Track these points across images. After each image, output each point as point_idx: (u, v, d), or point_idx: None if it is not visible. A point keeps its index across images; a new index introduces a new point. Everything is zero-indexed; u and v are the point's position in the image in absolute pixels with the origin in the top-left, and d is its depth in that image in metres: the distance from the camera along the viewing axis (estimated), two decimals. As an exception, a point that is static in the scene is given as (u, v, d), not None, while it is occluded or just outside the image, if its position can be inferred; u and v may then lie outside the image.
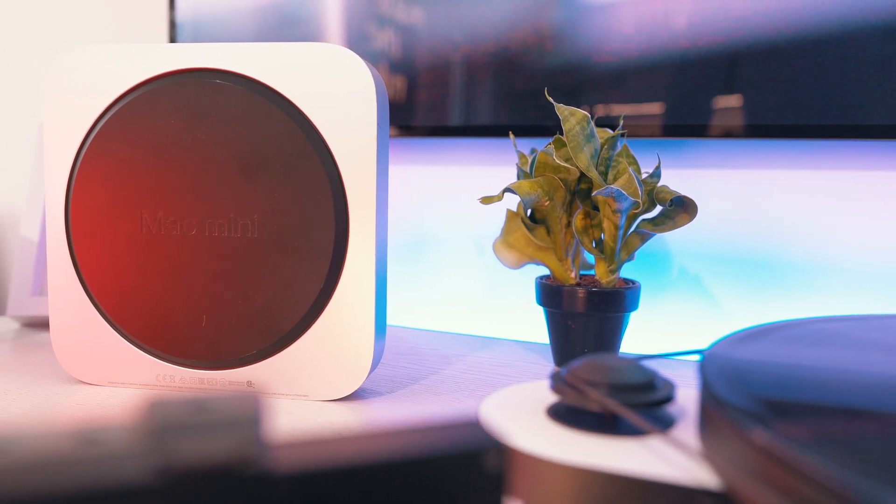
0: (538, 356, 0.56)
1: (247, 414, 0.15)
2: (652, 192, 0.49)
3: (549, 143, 0.50)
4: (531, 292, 0.55)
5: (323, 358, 0.43)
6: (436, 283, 0.70)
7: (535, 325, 0.62)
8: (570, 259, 0.52)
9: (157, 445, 0.15)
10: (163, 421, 0.15)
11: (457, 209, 0.69)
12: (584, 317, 0.49)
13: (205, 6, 0.72)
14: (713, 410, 0.24)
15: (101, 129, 0.43)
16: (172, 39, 0.74)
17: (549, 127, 0.60)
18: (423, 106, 0.65)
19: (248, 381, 0.44)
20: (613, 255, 0.50)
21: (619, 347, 0.51)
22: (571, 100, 0.58)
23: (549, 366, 0.53)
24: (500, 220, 0.65)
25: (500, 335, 0.64)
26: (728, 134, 0.55)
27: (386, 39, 0.64)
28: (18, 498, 0.15)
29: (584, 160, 0.47)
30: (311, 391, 0.43)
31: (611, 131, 0.50)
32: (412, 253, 0.71)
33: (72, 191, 0.44)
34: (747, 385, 0.24)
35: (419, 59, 0.64)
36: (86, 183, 0.44)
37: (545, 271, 0.55)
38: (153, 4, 0.80)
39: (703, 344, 0.59)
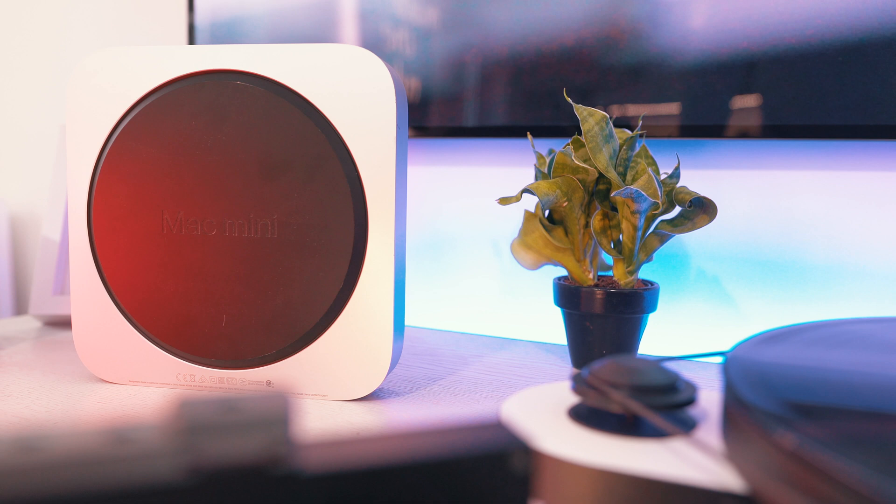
0: (555, 357, 0.56)
1: (276, 414, 0.15)
2: (671, 193, 0.49)
3: (568, 144, 0.50)
4: (547, 293, 0.55)
5: (342, 358, 0.43)
6: (452, 283, 0.70)
7: (552, 326, 0.61)
8: (587, 260, 0.51)
9: (187, 444, 0.15)
10: (193, 420, 0.15)
11: (472, 210, 0.69)
12: (602, 318, 0.49)
13: (221, 10, 0.72)
14: (737, 413, 0.23)
15: (123, 130, 0.44)
16: (191, 43, 0.74)
17: (565, 127, 0.60)
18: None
19: (267, 381, 0.44)
20: (632, 257, 0.50)
21: (637, 349, 0.51)
22: (587, 99, 0.58)
23: (566, 367, 0.53)
24: (516, 221, 0.65)
25: (516, 336, 0.64)
26: (746, 134, 0.54)
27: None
28: (51, 495, 0.15)
29: (603, 161, 0.47)
30: (329, 391, 0.44)
31: (629, 132, 0.50)
32: (428, 253, 0.71)
33: (94, 191, 0.44)
34: (772, 388, 0.24)
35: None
36: (108, 184, 0.44)
37: (562, 272, 0.54)
38: (172, 9, 0.81)
39: (722, 346, 0.59)
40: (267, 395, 0.15)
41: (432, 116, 0.65)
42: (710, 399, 0.30)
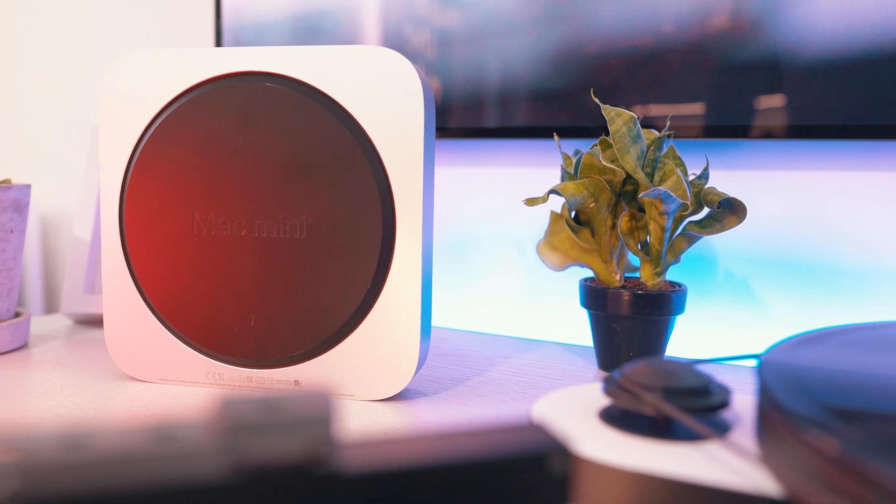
0: (581, 359, 0.55)
1: (318, 414, 0.15)
2: (700, 194, 0.49)
3: (595, 145, 0.50)
4: (572, 294, 0.55)
5: (369, 358, 0.43)
6: (475, 283, 0.70)
7: (577, 327, 0.61)
8: (614, 261, 0.51)
9: (230, 444, 0.15)
10: (236, 420, 0.15)
11: (495, 210, 0.69)
12: (629, 320, 0.49)
13: (246, 13, 0.73)
14: (774, 417, 0.23)
15: (154, 131, 0.44)
16: (218, 46, 0.75)
17: (589, 128, 0.59)
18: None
19: (295, 381, 0.44)
20: (659, 258, 0.49)
21: (664, 351, 0.51)
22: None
23: (592, 368, 0.53)
24: (539, 221, 0.64)
25: (541, 337, 0.63)
26: (772, 134, 0.54)
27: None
28: (97, 492, 0.15)
29: (631, 161, 0.47)
30: (356, 391, 0.44)
31: (656, 132, 0.50)
32: (451, 254, 0.71)
33: (126, 192, 0.45)
34: (809, 391, 0.24)
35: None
36: (139, 185, 0.45)
37: (589, 273, 0.54)
38: (200, 12, 0.82)
39: (750, 349, 0.58)
40: (309, 395, 0.15)
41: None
42: (743, 402, 0.30)
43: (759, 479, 0.23)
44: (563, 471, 0.16)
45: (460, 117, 0.65)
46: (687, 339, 0.59)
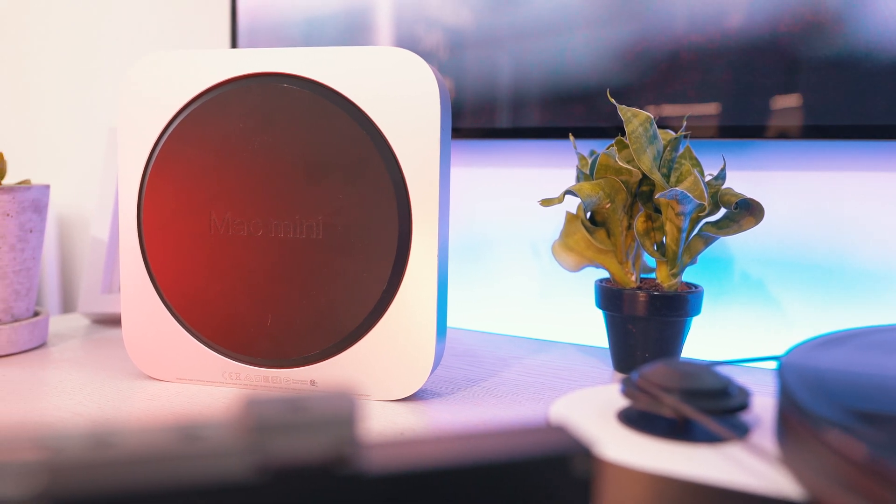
0: (597, 360, 0.55)
1: (342, 414, 0.15)
2: (716, 195, 0.48)
3: (611, 145, 0.50)
4: (587, 294, 0.55)
5: (385, 358, 0.43)
6: (490, 284, 0.70)
7: (592, 328, 0.61)
8: (630, 262, 0.51)
9: (255, 443, 0.15)
10: (261, 419, 0.15)
11: (509, 211, 0.69)
12: (645, 321, 0.49)
13: (261, 15, 0.73)
14: (795, 419, 0.23)
15: (172, 132, 0.45)
16: (234, 47, 0.75)
17: (605, 128, 0.59)
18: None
19: (311, 380, 0.44)
20: (675, 259, 0.49)
21: (680, 353, 0.50)
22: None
23: (608, 370, 0.53)
24: (553, 222, 0.64)
25: (556, 338, 0.63)
26: (788, 135, 0.53)
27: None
28: (124, 490, 0.15)
29: (647, 162, 0.47)
30: (372, 391, 0.44)
31: (672, 132, 0.49)
32: (464, 254, 0.71)
33: (144, 193, 0.45)
34: (830, 393, 0.24)
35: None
36: (157, 185, 0.45)
37: (604, 274, 0.54)
38: (216, 13, 0.82)
39: (766, 351, 0.58)
40: (332, 395, 0.15)
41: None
42: (763, 404, 0.30)
43: (779, 482, 0.23)
44: (585, 473, 0.16)
45: (473, 118, 0.65)
46: (703, 341, 0.58)
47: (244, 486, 0.15)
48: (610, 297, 0.50)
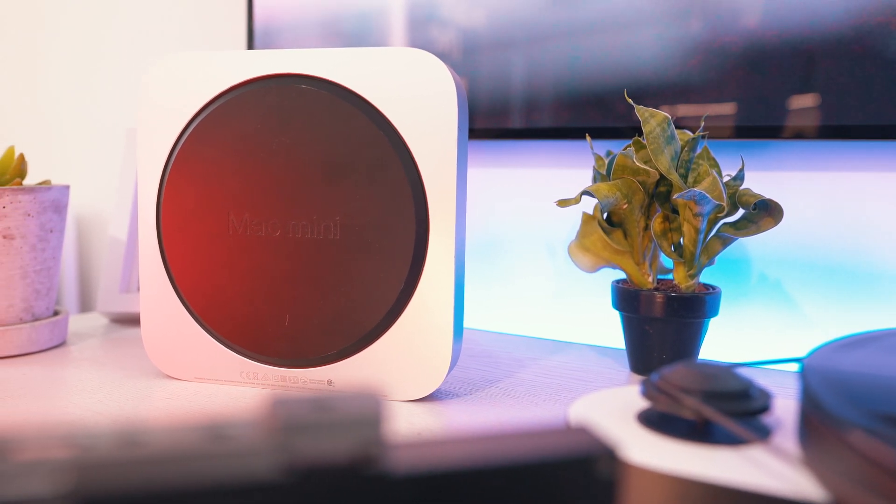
0: (613, 361, 0.55)
1: (368, 414, 0.15)
2: (734, 195, 0.48)
3: (628, 146, 0.49)
4: (602, 295, 0.55)
5: (402, 358, 0.43)
6: (505, 285, 0.70)
7: (608, 329, 0.61)
8: (647, 263, 0.51)
9: (282, 443, 0.15)
10: (288, 419, 0.15)
11: (524, 211, 0.68)
12: (662, 322, 0.49)
13: (276, 16, 0.73)
14: (818, 421, 0.23)
15: (191, 133, 0.45)
16: (250, 47, 0.76)
17: (620, 129, 0.59)
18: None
19: (328, 380, 0.45)
20: (693, 260, 0.49)
21: (697, 354, 0.50)
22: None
23: (624, 371, 0.52)
24: (569, 222, 0.64)
25: (572, 339, 0.63)
26: (805, 135, 0.53)
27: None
28: (150, 489, 0.15)
29: (665, 162, 0.47)
30: (389, 391, 0.44)
31: (690, 133, 0.49)
32: (480, 255, 0.71)
33: (163, 193, 0.46)
34: (854, 395, 0.24)
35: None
36: (176, 185, 0.45)
37: (620, 275, 0.54)
38: (233, 14, 0.83)
39: (785, 353, 0.57)
40: (359, 395, 0.15)
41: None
42: (784, 407, 0.29)
43: (802, 484, 0.23)
44: (610, 474, 0.16)
45: (486, 119, 0.65)
46: (721, 343, 0.58)
47: (271, 486, 0.15)
48: (627, 299, 0.50)
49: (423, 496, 0.15)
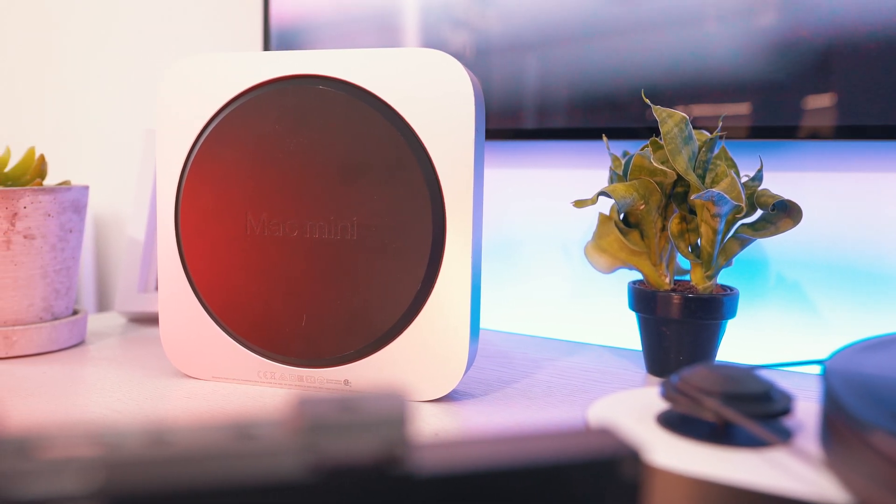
0: (629, 362, 0.55)
1: (393, 414, 0.15)
2: (753, 196, 0.48)
3: (646, 146, 0.49)
4: (619, 296, 0.55)
5: (418, 359, 0.43)
6: (521, 286, 0.70)
7: (624, 330, 0.61)
8: (664, 264, 0.51)
9: (308, 442, 0.15)
10: (314, 419, 0.15)
11: (539, 212, 0.68)
12: (679, 323, 0.48)
13: (292, 17, 0.74)
14: (841, 423, 0.23)
15: (209, 134, 0.45)
16: (266, 49, 0.76)
17: (635, 129, 0.59)
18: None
19: (345, 380, 0.45)
20: (711, 261, 0.49)
21: (715, 356, 0.50)
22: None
23: (641, 372, 0.52)
24: (585, 223, 0.64)
25: (588, 340, 0.63)
26: (820, 135, 0.52)
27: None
28: (178, 488, 0.16)
29: (683, 163, 0.46)
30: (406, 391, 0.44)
31: (707, 133, 0.49)
32: (495, 256, 0.71)
33: (181, 194, 0.46)
34: (878, 397, 0.23)
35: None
36: (195, 186, 0.46)
37: (637, 276, 0.54)
38: (249, 16, 0.83)
39: (803, 355, 0.57)
40: (384, 395, 0.15)
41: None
42: (806, 409, 0.29)
43: (825, 487, 0.23)
44: (633, 476, 0.16)
45: (500, 119, 0.65)
46: (738, 344, 0.58)
47: (297, 485, 0.15)
48: (643, 299, 0.50)
49: (447, 497, 0.15)
